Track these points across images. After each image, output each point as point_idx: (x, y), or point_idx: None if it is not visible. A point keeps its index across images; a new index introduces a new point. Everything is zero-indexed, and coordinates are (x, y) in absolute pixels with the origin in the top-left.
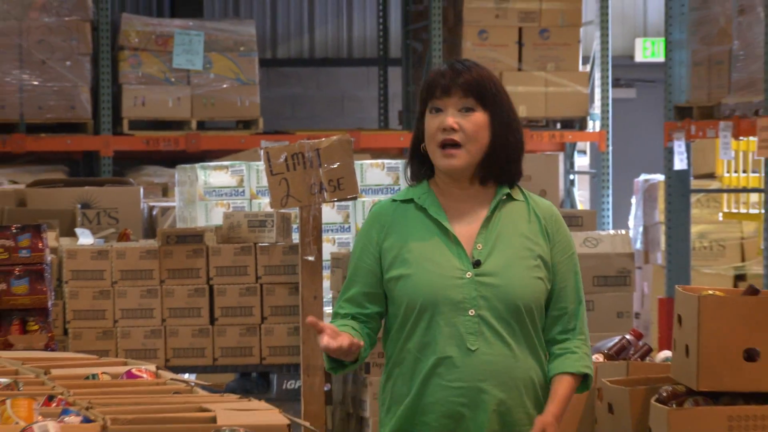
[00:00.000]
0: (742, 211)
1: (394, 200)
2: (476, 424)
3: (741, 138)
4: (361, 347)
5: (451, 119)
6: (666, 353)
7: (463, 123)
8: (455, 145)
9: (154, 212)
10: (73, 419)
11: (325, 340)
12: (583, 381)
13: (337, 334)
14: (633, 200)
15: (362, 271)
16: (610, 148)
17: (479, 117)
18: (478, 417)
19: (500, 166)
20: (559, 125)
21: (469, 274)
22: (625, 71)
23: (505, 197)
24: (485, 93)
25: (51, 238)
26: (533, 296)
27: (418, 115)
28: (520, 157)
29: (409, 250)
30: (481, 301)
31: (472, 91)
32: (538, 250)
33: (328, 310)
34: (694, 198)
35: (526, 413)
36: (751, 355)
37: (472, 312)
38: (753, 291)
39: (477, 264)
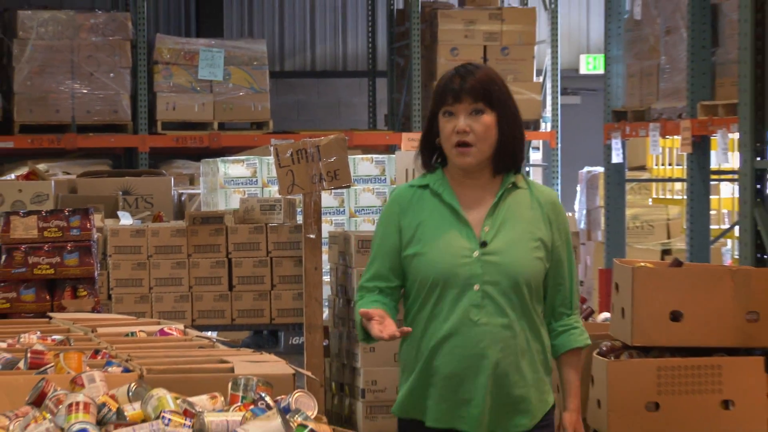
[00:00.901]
0: (668, 197)
1: (412, 186)
2: (476, 386)
3: (667, 137)
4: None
5: (463, 123)
6: (605, 315)
7: (474, 125)
8: (468, 144)
9: (183, 198)
10: (115, 369)
11: (377, 330)
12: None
13: (384, 318)
14: (578, 188)
15: (385, 248)
16: (559, 145)
17: (488, 118)
18: (478, 379)
19: (508, 158)
20: None
21: (476, 253)
22: (571, 82)
23: (510, 186)
24: (491, 95)
25: (97, 219)
26: (532, 273)
27: (430, 114)
28: (523, 148)
29: (424, 230)
30: (485, 277)
31: (480, 95)
32: (539, 234)
33: (326, 279)
34: (628, 186)
35: (521, 375)
36: (676, 316)
37: (477, 287)
38: (677, 263)
39: (483, 244)
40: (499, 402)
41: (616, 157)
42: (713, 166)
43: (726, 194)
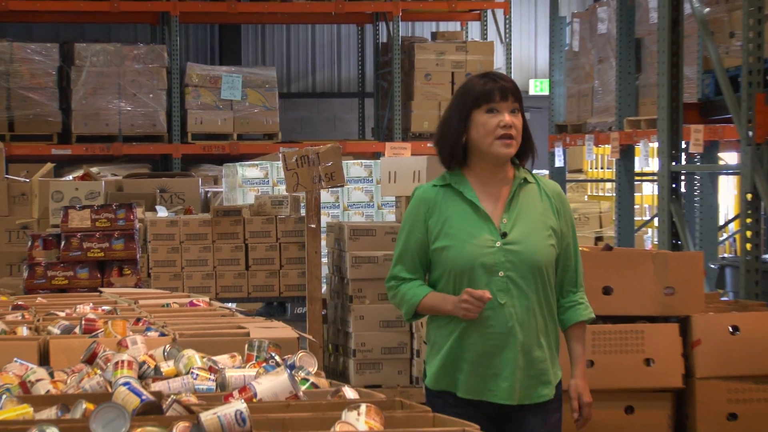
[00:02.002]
0: (601, 194)
1: (435, 185)
2: (505, 361)
3: (600, 145)
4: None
5: (509, 118)
6: None
7: (515, 121)
8: (512, 137)
9: (209, 195)
10: (153, 334)
11: (465, 313)
12: None
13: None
14: None
15: (413, 242)
16: None
17: (521, 117)
18: (506, 355)
19: (528, 153)
20: None
21: (498, 244)
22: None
23: (522, 181)
24: (520, 98)
25: (139, 212)
26: (548, 258)
27: (461, 115)
28: (535, 149)
29: (450, 225)
30: (508, 264)
31: (516, 96)
32: (550, 223)
33: (324, 260)
34: (568, 186)
35: (542, 351)
36: (607, 291)
37: (501, 273)
38: (608, 248)
39: (504, 235)
40: (527, 375)
41: (559, 162)
42: (637, 169)
43: (647, 192)
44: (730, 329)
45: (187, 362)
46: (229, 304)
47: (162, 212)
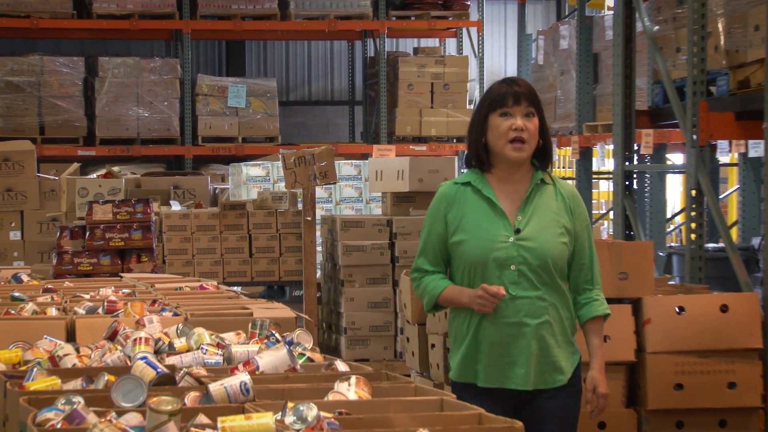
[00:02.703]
0: None
1: (456, 183)
2: (520, 350)
3: (562, 147)
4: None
5: (521, 121)
6: None
7: (528, 125)
8: (523, 141)
9: (217, 191)
10: (167, 314)
11: (481, 307)
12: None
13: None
14: None
15: (435, 236)
16: None
17: (536, 121)
18: (521, 344)
19: (545, 157)
20: (455, 140)
21: (511, 239)
22: None
23: (539, 182)
24: (537, 102)
25: (155, 206)
26: (558, 255)
27: (480, 121)
28: (553, 151)
29: (467, 221)
30: (520, 258)
31: (531, 100)
32: (563, 222)
33: (319, 249)
34: None
35: (555, 339)
36: None
37: (513, 267)
38: None
39: (517, 231)
40: (541, 362)
41: None
42: (594, 168)
43: (603, 189)
44: (677, 309)
45: (198, 339)
46: (235, 288)
47: (175, 206)
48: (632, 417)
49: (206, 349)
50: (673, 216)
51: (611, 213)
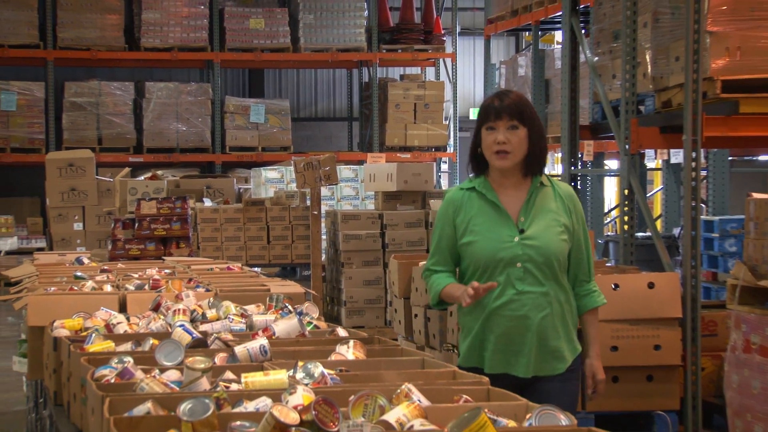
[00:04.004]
0: None
1: (461, 188)
2: (524, 340)
3: None
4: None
5: (501, 136)
6: None
7: (511, 137)
8: (506, 152)
9: (241, 191)
10: (200, 290)
11: (468, 301)
12: None
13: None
14: None
15: (444, 240)
16: (458, 160)
17: (521, 132)
18: (525, 335)
19: (535, 163)
20: (433, 149)
21: (516, 239)
22: (464, 123)
23: (539, 185)
24: (524, 114)
25: (191, 203)
26: (560, 252)
27: (475, 131)
28: (546, 155)
29: (474, 223)
30: (525, 256)
31: (515, 114)
32: (563, 221)
33: (324, 237)
34: None
35: (556, 331)
36: None
37: (519, 264)
38: None
39: (522, 231)
40: (542, 352)
41: None
42: (546, 172)
43: None
44: (613, 286)
45: (225, 310)
46: (255, 269)
47: (207, 203)
48: None
49: (232, 318)
50: (610, 211)
51: None
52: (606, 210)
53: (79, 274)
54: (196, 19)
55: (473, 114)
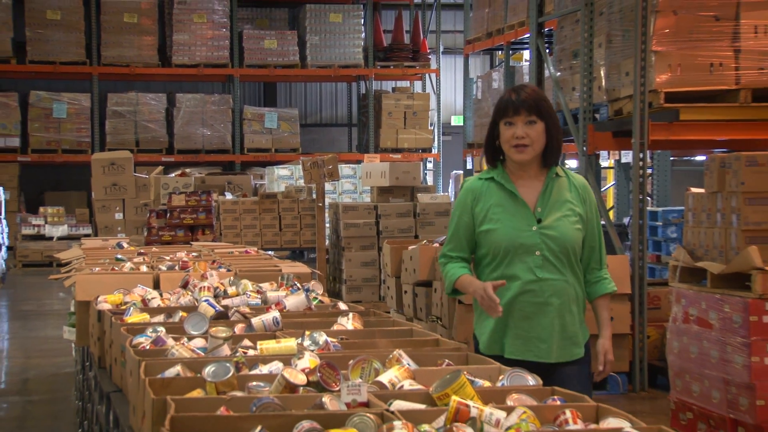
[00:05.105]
0: None
1: (480, 178)
2: (544, 326)
3: None
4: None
5: (520, 131)
6: None
7: (529, 132)
8: (525, 145)
9: (257, 186)
10: (222, 270)
11: (493, 311)
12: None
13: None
14: (451, 181)
15: (462, 227)
16: (441, 160)
17: (539, 126)
18: (545, 321)
19: (552, 156)
20: (420, 150)
21: (534, 228)
22: (447, 129)
23: (554, 176)
24: (541, 109)
25: (215, 196)
26: (575, 240)
27: (492, 123)
28: (561, 149)
29: (493, 212)
30: (543, 245)
31: (533, 108)
32: (577, 210)
33: (327, 225)
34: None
35: (573, 316)
36: None
37: (537, 252)
38: None
39: (539, 221)
40: (562, 337)
41: (469, 166)
42: None
43: None
44: None
45: (243, 287)
46: (269, 252)
47: (228, 196)
48: None
49: (249, 294)
50: None
51: None
52: None
53: (119, 256)
54: (218, 40)
55: (455, 120)
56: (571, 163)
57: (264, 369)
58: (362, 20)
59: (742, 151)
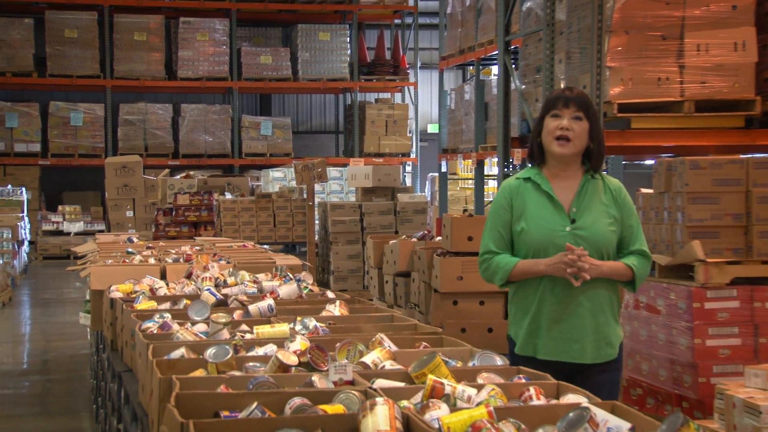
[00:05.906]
0: (466, 186)
1: (518, 178)
2: (578, 327)
3: (466, 160)
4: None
5: (566, 122)
6: (439, 238)
7: (574, 126)
8: (567, 139)
9: (254, 186)
10: (223, 262)
11: (568, 270)
12: (630, 283)
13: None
14: (428, 182)
15: (501, 223)
16: (419, 164)
17: (584, 125)
18: (579, 321)
19: (594, 159)
20: (400, 155)
21: (568, 228)
22: (424, 136)
23: (590, 178)
24: (589, 110)
25: (216, 196)
26: (609, 242)
27: (538, 119)
28: (604, 155)
29: (528, 211)
30: (576, 245)
31: (582, 106)
32: (612, 212)
33: (316, 222)
34: (449, 181)
35: (606, 317)
36: (470, 238)
37: None
38: (469, 215)
39: (573, 221)
40: (596, 338)
41: (444, 169)
42: (486, 173)
43: (492, 185)
44: None
45: (241, 277)
46: (264, 246)
47: (228, 196)
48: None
49: (247, 284)
50: None
51: None
52: None
53: (130, 250)
54: (219, 56)
55: (431, 128)
56: None
57: (260, 351)
58: (348, 38)
59: (686, 156)
